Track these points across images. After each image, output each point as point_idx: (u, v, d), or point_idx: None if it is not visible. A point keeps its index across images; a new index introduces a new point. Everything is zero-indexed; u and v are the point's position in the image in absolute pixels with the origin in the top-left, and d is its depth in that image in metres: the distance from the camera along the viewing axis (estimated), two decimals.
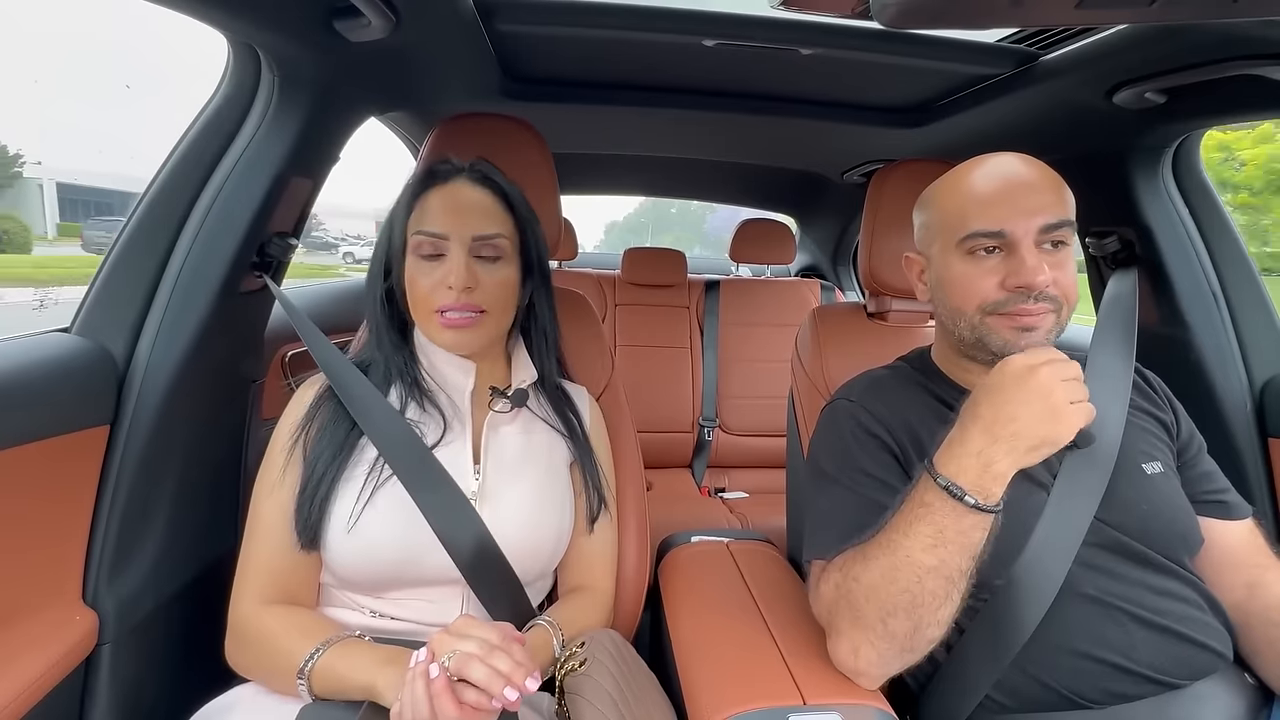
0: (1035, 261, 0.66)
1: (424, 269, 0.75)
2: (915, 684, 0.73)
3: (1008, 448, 0.59)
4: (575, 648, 0.71)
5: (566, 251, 2.38)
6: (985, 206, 0.69)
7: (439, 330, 0.75)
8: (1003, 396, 0.60)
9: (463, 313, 0.74)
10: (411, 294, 0.76)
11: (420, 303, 0.76)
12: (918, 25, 0.60)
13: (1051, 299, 0.68)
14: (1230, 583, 0.72)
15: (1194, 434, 0.80)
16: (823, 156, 1.83)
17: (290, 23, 0.76)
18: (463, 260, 0.74)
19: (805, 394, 1.10)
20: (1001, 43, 1.01)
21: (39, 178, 21.09)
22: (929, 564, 0.59)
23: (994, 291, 0.69)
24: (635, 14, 0.97)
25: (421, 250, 0.75)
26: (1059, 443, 0.60)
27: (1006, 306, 0.69)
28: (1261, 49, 0.75)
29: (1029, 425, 0.59)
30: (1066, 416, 0.59)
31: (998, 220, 0.68)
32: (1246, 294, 1.07)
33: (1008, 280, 0.68)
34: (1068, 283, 0.68)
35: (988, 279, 0.69)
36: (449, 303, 0.74)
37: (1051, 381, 0.60)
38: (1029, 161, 0.72)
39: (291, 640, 0.66)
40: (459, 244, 0.74)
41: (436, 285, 0.74)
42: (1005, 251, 0.69)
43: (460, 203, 0.76)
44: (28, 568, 0.69)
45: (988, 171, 0.72)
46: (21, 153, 23.92)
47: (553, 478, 0.82)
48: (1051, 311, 0.68)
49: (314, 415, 0.75)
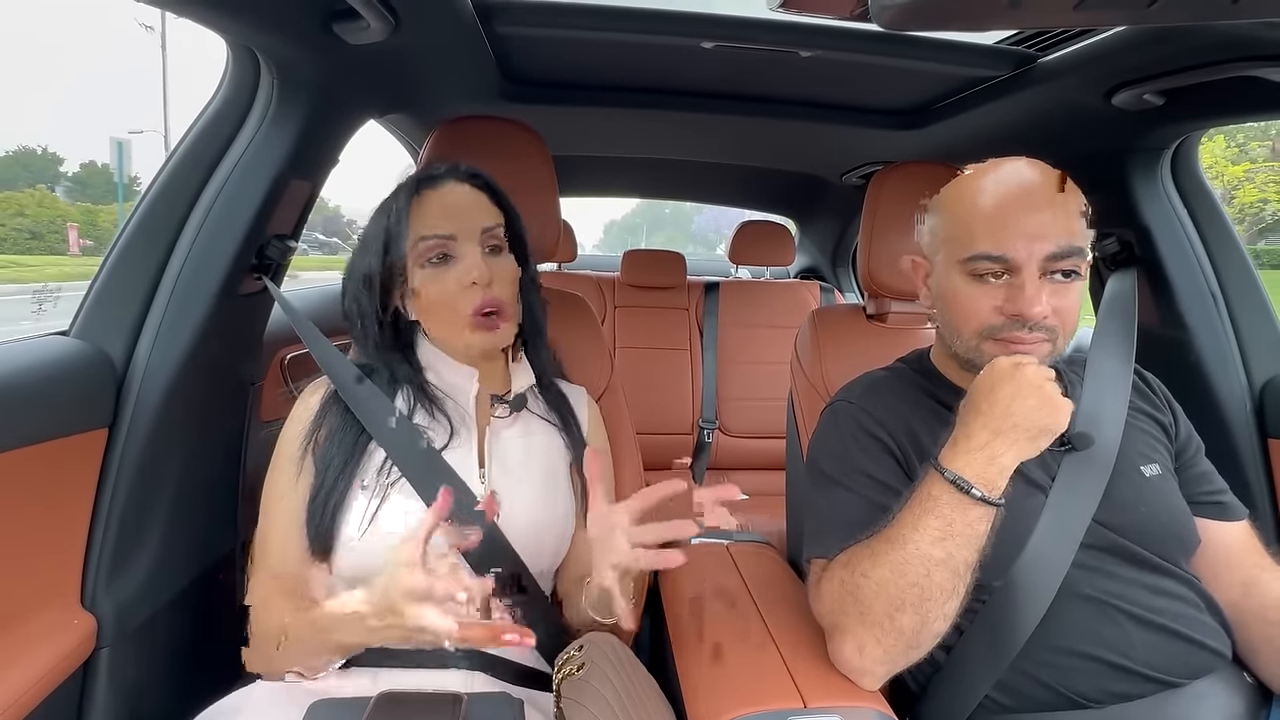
0: (1034, 292, 0.66)
1: (435, 275, 0.74)
2: (915, 684, 0.74)
3: (1010, 440, 0.62)
4: (574, 651, 0.71)
5: (565, 254, 2.37)
6: (992, 228, 0.68)
7: (470, 334, 0.75)
8: (998, 393, 0.63)
9: (490, 311, 0.74)
10: (429, 305, 0.75)
11: (444, 312, 0.75)
12: (917, 27, 0.60)
13: (1048, 329, 0.67)
14: (1227, 582, 0.73)
15: (1192, 435, 0.80)
16: (822, 158, 1.84)
17: (289, 25, 0.76)
18: (478, 254, 0.75)
19: (805, 396, 1.10)
20: (1000, 44, 1.01)
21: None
22: (938, 557, 0.60)
23: (992, 316, 0.69)
24: (634, 16, 0.97)
25: (430, 256, 0.74)
26: (1057, 430, 0.62)
27: (1002, 332, 0.69)
28: (1260, 50, 0.75)
29: (1028, 417, 0.61)
30: (1061, 405, 0.62)
31: (1002, 245, 0.67)
32: (1246, 295, 1.07)
33: (1005, 306, 0.68)
34: (1067, 310, 0.68)
35: (987, 302, 0.69)
36: (478, 302, 0.74)
37: (1039, 376, 0.63)
38: (1044, 173, 0.70)
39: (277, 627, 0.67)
40: (469, 240, 0.75)
41: (457, 288, 0.74)
42: (1009, 275, 0.68)
43: (458, 201, 0.77)
44: (26, 571, 0.69)
45: (999, 187, 0.70)
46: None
47: (554, 479, 0.82)
48: (1046, 341, 0.68)
49: (322, 422, 0.75)
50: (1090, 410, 0.75)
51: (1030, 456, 0.63)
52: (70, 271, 10.91)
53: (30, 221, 18.26)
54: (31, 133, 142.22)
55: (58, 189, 25.97)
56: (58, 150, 46.76)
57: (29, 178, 27.96)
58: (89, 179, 30.23)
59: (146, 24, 16.28)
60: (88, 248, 17.11)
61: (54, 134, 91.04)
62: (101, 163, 29.04)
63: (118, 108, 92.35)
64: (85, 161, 34.93)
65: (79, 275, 9.77)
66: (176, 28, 16.93)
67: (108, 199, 21.97)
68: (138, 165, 16.80)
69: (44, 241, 17.94)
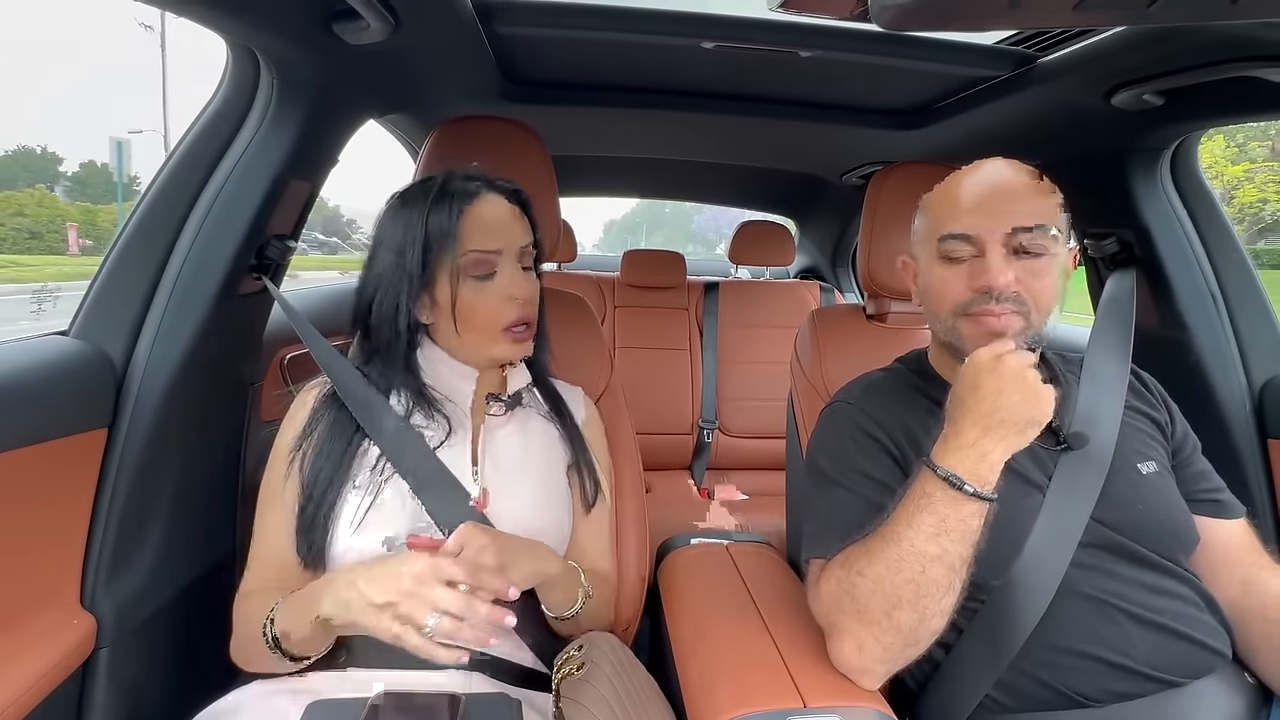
0: (999, 264, 0.68)
1: (479, 289, 0.76)
2: (915, 683, 0.74)
3: (999, 435, 0.62)
4: (574, 651, 0.71)
5: (565, 254, 2.38)
6: (959, 211, 0.72)
7: (504, 347, 0.78)
8: (982, 390, 0.63)
9: (525, 325, 0.78)
10: (469, 316, 0.76)
11: (482, 324, 0.77)
12: (916, 27, 0.60)
13: (1017, 301, 0.68)
14: (1226, 581, 0.73)
15: (1188, 434, 0.81)
16: (822, 158, 1.84)
17: (289, 26, 0.76)
18: (519, 272, 0.78)
19: (804, 396, 1.10)
20: (1000, 45, 1.01)
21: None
22: (932, 553, 0.61)
23: (963, 293, 0.71)
24: (634, 16, 0.97)
25: (477, 270, 0.75)
26: (1043, 420, 0.63)
27: (972, 307, 0.70)
28: (1259, 50, 0.75)
29: (1014, 411, 0.62)
30: (1044, 395, 0.62)
31: (968, 224, 0.70)
32: (1245, 295, 1.07)
33: (972, 281, 0.70)
34: (1039, 287, 0.69)
35: (959, 281, 0.71)
36: (514, 317, 0.77)
37: (1020, 366, 0.63)
38: (1016, 167, 0.72)
39: (266, 605, 0.68)
40: (511, 257, 0.77)
41: (498, 302, 0.76)
42: (978, 254, 0.70)
43: (502, 217, 0.78)
44: (25, 571, 0.69)
45: (971, 177, 0.73)
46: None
47: (551, 479, 0.82)
48: (1017, 314, 0.69)
49: (312, 430, 0.75)
50: (1087, 409, 0.75)
51: (1020, 448, 0.63)
52: (69, 271, 10.94)
53: (29, 221, 18.29)
54: (31, 132, 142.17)
55: (57, 189, 26.00)
56: (57, 150, 46.83)
57: (28, 177, 28.01)
58: (88, 179, 30.26)
59: (146, 24, 16.32)
60: (87, 247, 17.13)
61: (53, 133, 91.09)
62: (101, 162, 29.11)
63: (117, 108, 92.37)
64: (85, 161, 35.03)
65: (78, 275, 9.79)
66: (176, 28, 16.98)
67: (107, 199, 21.99)
68: (137, 165, 16.85)
69: (43, 241, 17.97)
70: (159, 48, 15.65)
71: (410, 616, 0.56)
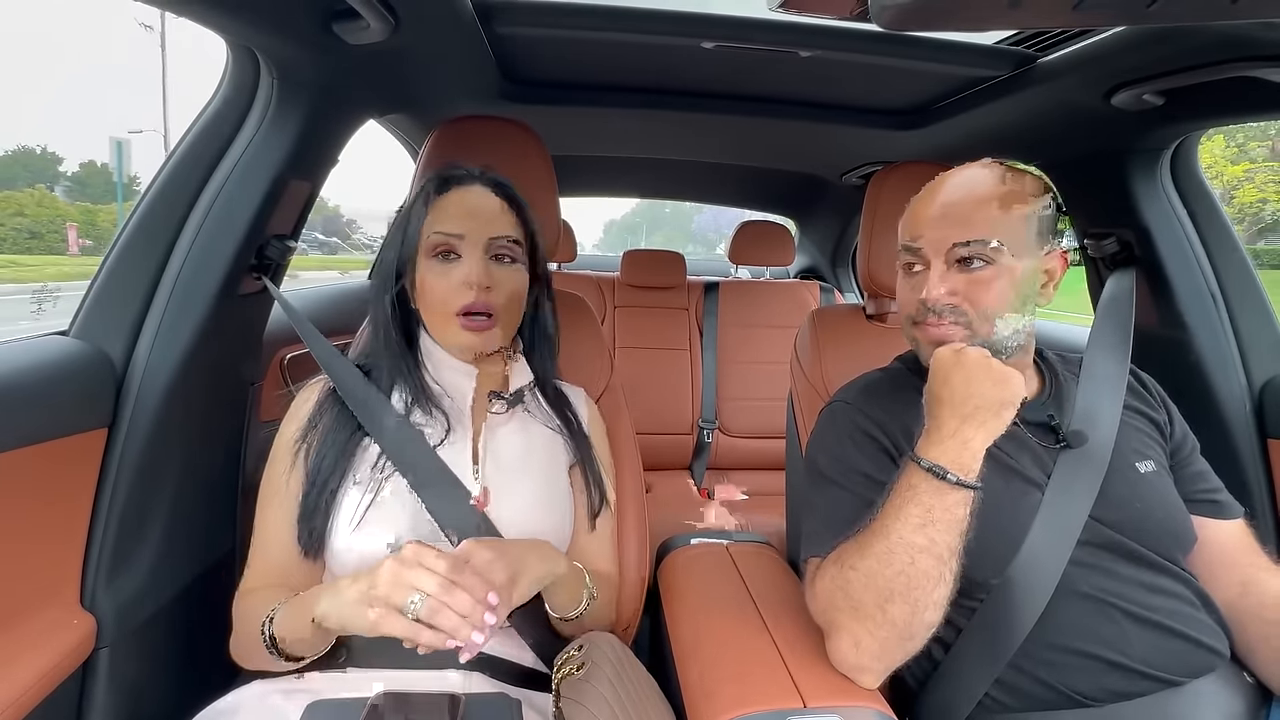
0: (935, 278, 0.71)
1: (439, 270, 0.76)
2: (914, 683, 0.74)
3: (979, 421, 0.64)
4: (574, 651, 0.71)
5: (565, 254, 2.37)
6: (912, 223, 0.75)
7: (457, 332, 0.77)
8: (953, 381, 0.65)
9: (480, 315, 0.76)
10: (427, 297, 0.77)
11: (437, 305, 0.77)
12: (916, 27, 0.60)
13: (955, 312, 0.71)
14: (1224, 581, 0.73)
15: (1187, 434, 0.81)
16: (822, 158, 1.84)
17: (289, 26, 0.76)
18: (480, 259, 0.76)
19: (804, 396, 1.10)
20: (1000, 45, 1.01)
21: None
22: (920, 543, 0.61)
23: (912, 304, 0.75)
24: (634, 16, 0.97)
25: (437, 251, 0.76)
26: (1016, 399, 0.65)
27: (919, 318, 0.74)
28: (1259, 50, 0.75)
29: (986, 394, 0.64)
30: (1011, 376, 0.65)
31: (915, 238, 0.74)
32: (1245, 295, 1.07)
33: (917, 293, 0.73)
34: (980, 297, 0.70)
35: (910, 293, 0.75)
36: (468, 303, 0.75)
37: (981, 355, 0.66)
38: (977, 178, 0.73)
39: (267, 604, 0.68)
40: (475, 244, 0.77)
41: (455, 286, 0.76)
42: (924, 267, 0.73)
43: (476, 205, 0.78)
44: (25, 571, 0.69)
45: (929, 190, 0.76)
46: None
47: (553, 479, 0.82)
48: (956, 324, 0.71)
49: (316, 422, 0.76)
50: (1086, 408, 0.75)
51: (999, 433, 0.65)
52: (69, 271, 10.94)
53: (29, 221, 18.28)
54: (31, 132, 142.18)
55: (57, 188, 26.00)
56: (57, 150, 46.87)
57: (28, 177, 28.01)
58: (88, 178, 30.26)
59: (146, 24, 16.31)
60: (87, 247, 17.13)
61: (53, 133, 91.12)
62: (101, 162, 29.13)
63: (117, 107, 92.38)
64: (84, 161, 35.05)
65: (78, 275, 9.79)
66: (176, 28, 16.98)
67: (107, 199, 21.99)
68: (137, 165, 16.84)
69: (43, 241, 17.96)
70: (159, 48, 15.66)
71: (388, 598, 0.56)
